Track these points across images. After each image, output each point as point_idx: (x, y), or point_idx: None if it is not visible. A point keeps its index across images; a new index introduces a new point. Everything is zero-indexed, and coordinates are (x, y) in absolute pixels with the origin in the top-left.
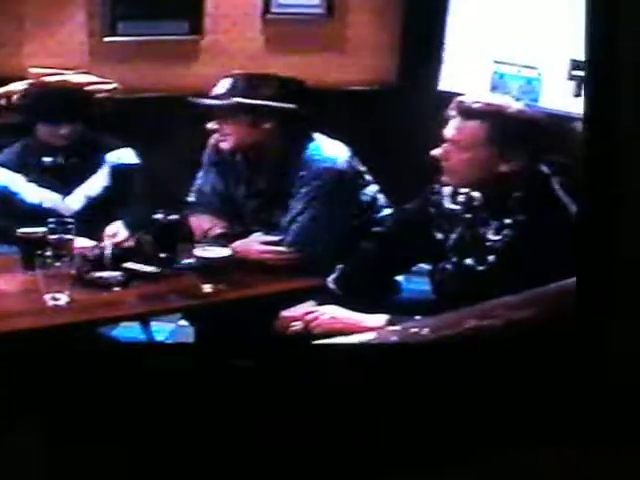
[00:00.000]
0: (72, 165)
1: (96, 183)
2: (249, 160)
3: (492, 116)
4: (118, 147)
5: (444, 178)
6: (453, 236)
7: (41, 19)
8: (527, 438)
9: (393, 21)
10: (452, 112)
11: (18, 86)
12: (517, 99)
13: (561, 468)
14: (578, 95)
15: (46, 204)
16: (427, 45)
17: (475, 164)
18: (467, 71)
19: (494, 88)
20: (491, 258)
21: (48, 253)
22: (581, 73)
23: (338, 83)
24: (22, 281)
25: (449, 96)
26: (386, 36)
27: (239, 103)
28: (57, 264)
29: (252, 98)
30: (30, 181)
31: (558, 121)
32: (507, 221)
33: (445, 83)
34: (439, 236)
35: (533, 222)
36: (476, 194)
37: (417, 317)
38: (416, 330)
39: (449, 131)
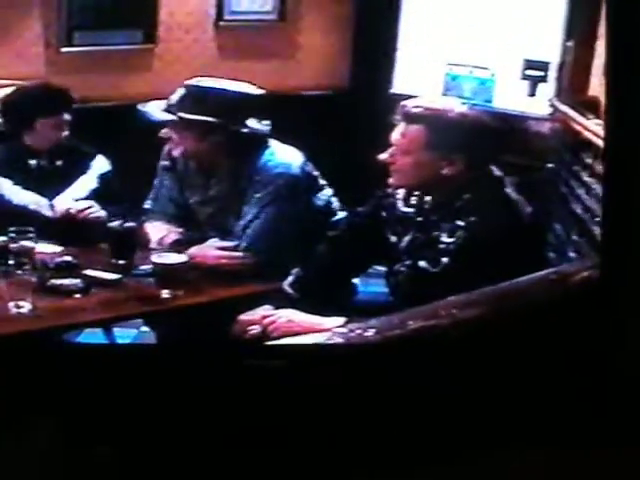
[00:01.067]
0: (56, 169)
1: (84, 186)
2: (202, 167)
3: (433, 120)
4: (94, 154)
5: (392, 181)
6: (406, 239)
7: None
8: (516, 439)
9: (345, 26)
10: (397, 117)
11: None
12: (470, 100)
13: (553, 469)
14: (532, 95)
15: (31, 206)
16: (379, 49)
17: (418, 167)
18: (420, 74)
19: (447, 90)
20: (445, 260)
21: (10, 262)
22: (534, 72)
23: (291, 88)
24: None
25: (402, 99)
26: (338, 41)
27: (181, 118)
28: (19, 272)
29: (198, 113)
30: (16, 184)
31: (512, 121)
32: (459, 223)
33: (398, 86)
34: (392, 239)
35: (485, 223)
36: (427, 197)
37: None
38: (360, 332)
39: (394, 135)
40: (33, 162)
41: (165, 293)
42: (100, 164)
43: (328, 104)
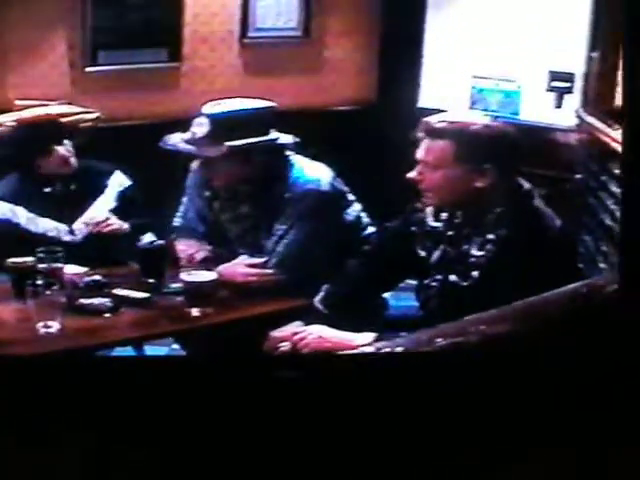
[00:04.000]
0: (71, 193)
1: (102, 207)
2: (233, 185)
3: (457, 133)
4: (111, 171)
5: (424, 200)
6: (436, 253)
7: (24, 52)
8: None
9: (371, 41)
10: (420, 133)
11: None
12: (496, 113)
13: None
14: (558, 106)
15: (50, 233)
16: (405, 63)
17: (449, 182)
18: (446, 88)
19: (474, 103)
20: (475, 274)
21: (38, 282)
22: (560, 84)
23: (318, 104)
24: (14, 310)
25: (429, 113)
26: (364, 56)
27: (231, 147)
28: (47, 292)
29: (239, 138)
30: (32, 211)
31: (539, 133)
32: (490, 237)
33: (424, 100)
34: (422, 253)
35: (515, 236)
36: (457, 212)
37: (403, 334)
38: (389, 350)
39: (420, 152)
40: (47, 190)
41: (195, 311)
42: (119, 180)
43: (356, 119)
